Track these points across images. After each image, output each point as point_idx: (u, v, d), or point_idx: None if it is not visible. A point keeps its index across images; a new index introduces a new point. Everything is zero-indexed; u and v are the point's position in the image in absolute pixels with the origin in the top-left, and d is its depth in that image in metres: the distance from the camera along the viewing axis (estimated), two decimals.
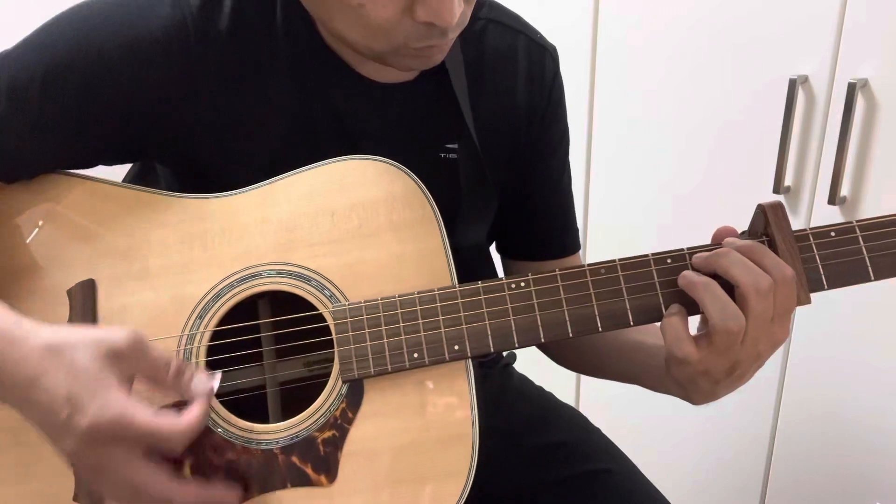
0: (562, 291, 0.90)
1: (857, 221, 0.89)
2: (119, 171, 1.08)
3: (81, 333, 0.82)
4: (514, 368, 1.35)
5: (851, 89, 1.48)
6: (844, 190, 1.55)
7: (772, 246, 0.88)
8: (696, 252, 0.90)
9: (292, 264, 0.93)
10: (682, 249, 0.90)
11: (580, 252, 1.23)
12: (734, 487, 1.90)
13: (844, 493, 1.75)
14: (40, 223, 0.97)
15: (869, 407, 1.66)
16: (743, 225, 0.94)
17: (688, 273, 0.88)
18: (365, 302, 0.91)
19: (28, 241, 0.96)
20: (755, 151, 1.63)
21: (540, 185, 1.17)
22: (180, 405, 0.88)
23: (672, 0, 1.66)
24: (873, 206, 1.53)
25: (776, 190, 1.60)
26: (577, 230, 1.24)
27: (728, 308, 0.85)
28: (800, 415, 1.76)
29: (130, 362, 0.83)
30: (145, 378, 0.86)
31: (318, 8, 0.90)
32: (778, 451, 1.81)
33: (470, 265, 1.05)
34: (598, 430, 1.26)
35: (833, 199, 1.54)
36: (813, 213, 1.60)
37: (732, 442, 1.87)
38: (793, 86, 1.55)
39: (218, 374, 0.89)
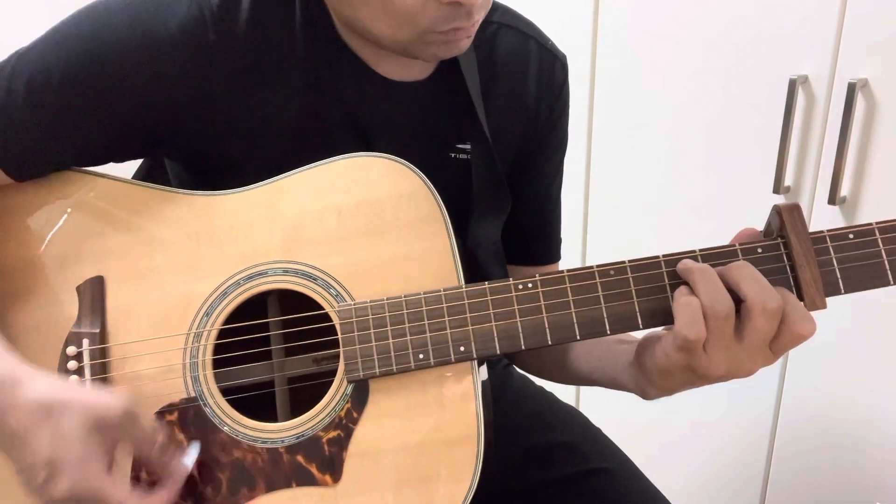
0: (570, 293, 0.89)
1: (877, 223, 0.86)
2: (128, 169, 1.07)
3: (74, 395, 0.83)
4: (514, 368, 1.35)
5: (851, 89, 1.48)
6: (844, 190, 1.55)
7: (787, 248, 0.86)
8: (707, 253, 0.88)
9: (298, 263, 0.93)
10: (695, 251, 0.88)
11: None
12: (734, 487, 1.90)
13: (844, 493, 1.75)
14: (51, 220, 0.97)
15: (869, 407, 1.66)
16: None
17: (687, 260, 0.87)
18: (370, 302, 0.91)
19: (39, 237, 0.96)
20: (755, 151, 1.63)
21: (530, 190, 1.17)
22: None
23: (672, 0, 1.66)
24: (873, 206, 1.53)
25: (776, 190, 1.60)
26: (559, 240, 1.24)
27: (719, 291, 0.83)
28: (800, 415, 1.76)
29: (117, 432, 0.84)
30: (128, 447, 0.88)
31: (341, 3, 0.91)
32: (778, 451, 1.81)
33: (484, 266, 1.05)
34: (598, 430, 1.27)
35: (833, 199, 1.54)
36: (813, 213, 1.60)
37: (732, 442, 1.87)
38: (793, 86, 1.54)
39: (196, 448, 0.91)
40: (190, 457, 0.90)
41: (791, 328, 0.83)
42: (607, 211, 1.88)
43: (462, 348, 0.89)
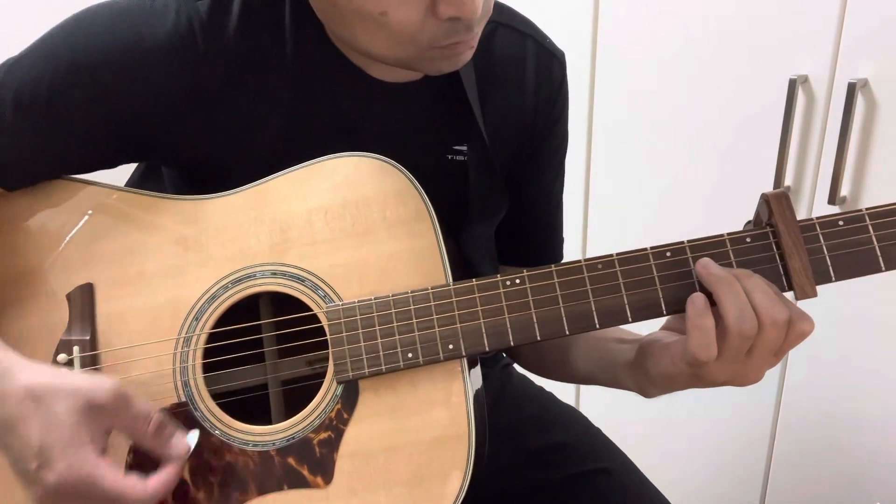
0: (557, 288, 0.88)
1: (867, 209, 0.86)
2: (121, 175, 1.07)
3: (64, 381, 0.82)
4: (514, 368, 1.35)
5: (851, 89, 1.48)
6: (844, 190, 1.54)
7: (776, 237, 0.86)
8: (695, 244, 0.88)
9: (286, 265, 0.92)
10: (682, 242, 0.88)
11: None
12: (734, 487, 1.90)
13: (844, 493, 1.74)
14: (40, 228, 0.97)
15: (869, 407, 1.66)
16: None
17: (710, 263, 0.86)
18: (358, 301, 0.90)
19: (28, 245, 0.97)
20: (755, 151, 1.63)
21: (531, 190, 1.16)
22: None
23: (672, 0, 1.66)
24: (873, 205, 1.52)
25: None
26: (562, 240, 1.24)
27: (747, 311, 0.83)
28: (800, 415, 1.75)
29: (109, 416, 0.83)
30: (123, 432, 0.86)
31: (339, 27, 0.89)
32: (778, 451, 1.81)
33: (477, 267, 1.04)
34: (598, 430, 1.26)
35: (833, 199, 1.54)
36: (813, 213, 1.59)
37: (732, 442, 1.87)
38: (793, 86, 1.54)
39: (196, 433, 0.89)
40: (190, 438, 0.88)
41: (794, 330, 0.84)
42: (607, 211, 1.88)
43: (451, 346, 0.89)
